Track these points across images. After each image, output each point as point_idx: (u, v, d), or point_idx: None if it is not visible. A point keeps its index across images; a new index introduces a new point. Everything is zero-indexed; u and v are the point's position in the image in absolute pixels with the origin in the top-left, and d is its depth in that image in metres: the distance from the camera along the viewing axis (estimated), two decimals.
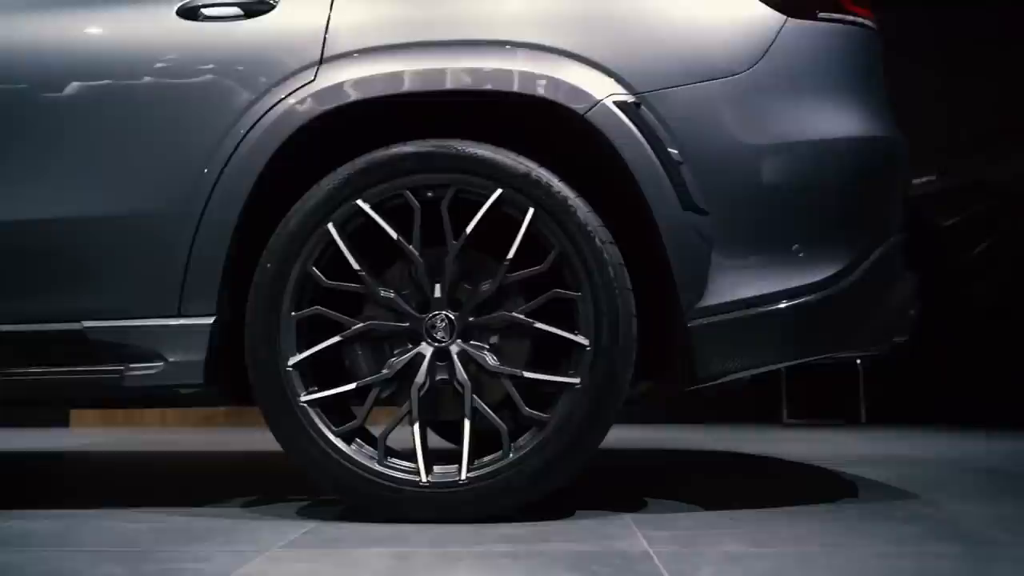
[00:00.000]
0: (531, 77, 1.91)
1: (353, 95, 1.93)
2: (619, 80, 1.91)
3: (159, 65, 2.00)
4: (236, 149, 1.94)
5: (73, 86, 2.00)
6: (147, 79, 2.00)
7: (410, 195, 1.90)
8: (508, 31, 1.96)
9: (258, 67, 1.97)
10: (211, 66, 1.99)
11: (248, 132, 1.94)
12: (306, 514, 1.94)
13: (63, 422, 6.50)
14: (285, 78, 1.96)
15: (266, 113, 1.94)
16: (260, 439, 4.73)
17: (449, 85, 1.93)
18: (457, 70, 1.94)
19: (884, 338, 2.05)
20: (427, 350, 1.90)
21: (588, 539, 1.62)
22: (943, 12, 5.22)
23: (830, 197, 1.96)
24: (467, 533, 1.69)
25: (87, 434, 5.56)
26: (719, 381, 1.92)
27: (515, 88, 1.91)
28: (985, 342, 5.06)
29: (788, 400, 5.71)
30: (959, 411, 5.21)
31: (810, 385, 5.65)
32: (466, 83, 1.93)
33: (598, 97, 1.88)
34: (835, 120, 1.97)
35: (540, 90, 1.90)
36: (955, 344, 5.13)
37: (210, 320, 1.94)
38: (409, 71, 1.94)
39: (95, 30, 2.06)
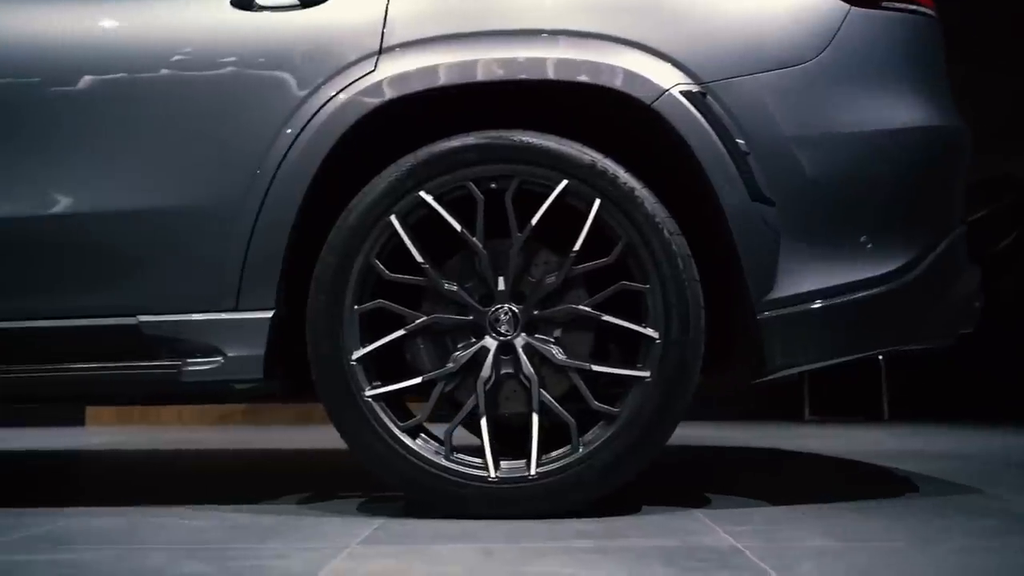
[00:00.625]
0: (596, 66, 1.88)
1: (415, 85, 1.90)
2: (684, 70, 1.88)
3: (215, 56, 1.97)
4: (295, 140, 1.91)
5: (128, 78, 1.97)
6: (203, 70, 1.96)
7: (473, 186, 1.87)
8: (570, 20, 1.93)
9: (316, 57, 1.94)
10: (268, 56, 1.95)
11: (308, 122, 1.91)
12: (367, 511, 1.92)
13: (79, 420, 6.48)
14: (344, 68, 1.93)
15: (326, 103, 1.91)
16: (282, 438, 4.72)
17: (513, 75, 1.89)
18: (521, 60, 1.90)
19: (950, 330, 2.03)
20: (491, 344, 1.87)
21: (667, 534, 1.59)
22: (968, 4, 5.19)
23: (896, 188, 1.93)
24: (539, 529, 1.66)
25: (103, 432, 5.53)
26: (787, 373, 1.90)
27: (580, 78, 1.88)
28: (1011, 337, 5.04)
29: (810, 396, 5.68)
30: (983, 406, 5.20)
31: (832, 381, 5.63)
32: (530, 73, 1.90)
33: (665, 87, 1.85)
34: (900, 110, 1.95)
35: (605, 79, 1.87)
36: (979, 339, 5.10)
37: (269, 314, 1.91)
38: (471, 61, 1.90)
39: (151, 21, 2.02)
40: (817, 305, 1.86)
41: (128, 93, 1.97)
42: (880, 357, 5.80)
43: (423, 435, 1.87)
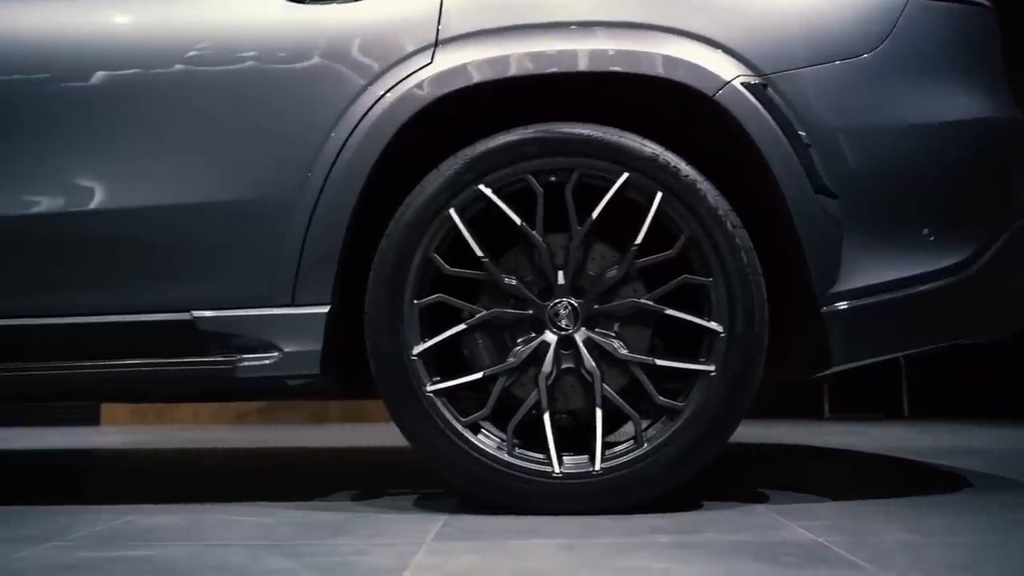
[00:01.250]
0: (657, 58, 1.86)
1: (474, 77, 1.88)
2: (744, 61, 1.86)
3: (269, 49, 1.94)
4: (352, 133, 1.89)
5: (182, 71, 1.95)
6: (257, 63, 1.94)
7: (532, 180, 1.86)
8: (629, 11, 1.91)
9: (372, 49, 1.92)
10: (323, 49, 1.93)
11: (365, 115, 1.89)
12: (426, 507, 1.90)
13: (93, 420, 6.45)
14: (400, 61, 1.91)
15: (383, 96, 1.89)
16: (302, 436, 4.70)
17: (574, 67, 1.88)
18: (582, 52, 1.88)
19: (1009, 325, 2.02)
20: (551, 338, 1.85)
21: (742, 530, 1.57)
22: None
23: (958, 180, 1.92)
24: (607, 524, 1.64)
25: (120, 431, 5.50)
26: (849, 367, 1.89)
27: (640, 70, 1.87)
28: None
29: (830, 394, 5.68)
30: (1002, 403, 5.19)
31: (852, 379, 5.62)
32: (591, 65, 1.88)
33: (726, 78, 1.84)
34: (959, 101, 1.94)
35: (667, 71, 1.85)
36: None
37: (325, 309, 1.90)
38: (531, 53, 1.88)
39: (206, 15, 2.00)
40: (880, 299, 1.84)
41: (183, 87, 1.94)
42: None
43: (484, 431, 1.85)
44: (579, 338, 1.85)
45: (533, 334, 1.87)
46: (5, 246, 1.95)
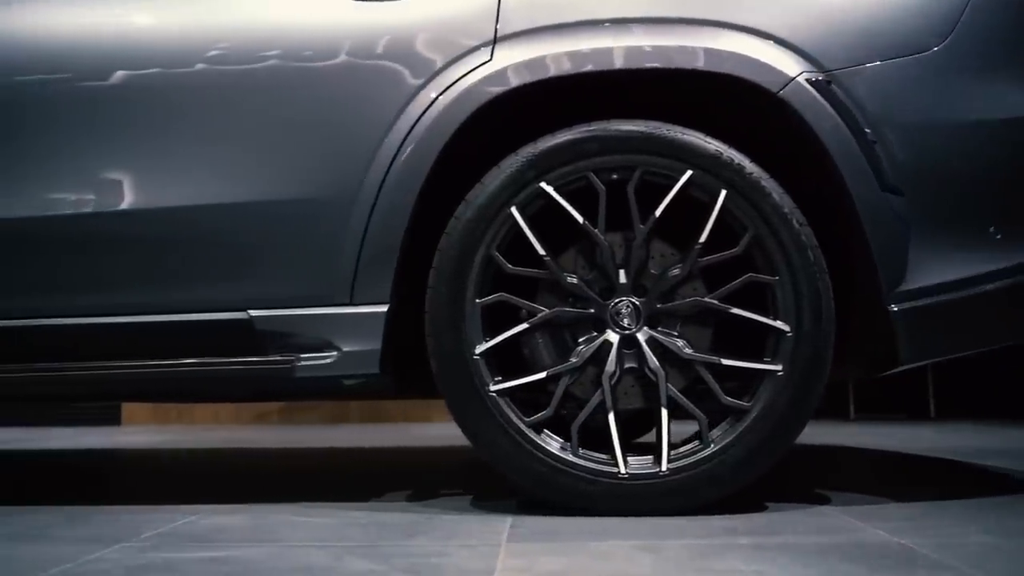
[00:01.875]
0: (719, 55, 1.84)
1: (535, 74, 1.86)
2: (808, 57, 1.84)
3: (327, 45, 1.93)
4: (411, 131, 1.87)
5: (242, 69, 1.93)
6: (315, 60, 1.93)
7: (594, 177, 1.84)
8: (687, 8, 1.89)
9: (430, 46, 1.91)
10: (381, 45, 1.92)
11: (424, 113, 1.87)
12: (486, 508, 1.88)
13: (114, 420, 6.44)
14: (459, 57, 1.89)
15: (442, 93, 1.87)
16: (327, 437, 4.68)
17: (637, 64, 1.86)
18: (641, 48, 1.87)
19: None
20: (613, 337, 1.83)
21: (822, 532, 1.55)
22: None
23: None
24: (680, 525, 1.62)
25: (142, 431, 5.49)
26: (917, 365, 1.87)
27: (702, 66, 1.85)
28: None
29: (855, 394, 5.64)
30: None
31: (878, 379, 5.58)
32: (650, 62, 1.86)
33: (791, 75, 1.82)
34: None
35: (732, 68, 1.83)
36: None
37: (384, 308, 1.88)
38: (591, 50, 1.86)
39: (266, 12, 1.99)
40: (947, 297, 1.82)
41: (242, 84, 1.93)
42: None
43: (546, 431, 1.83)
44: (641, 337, 1.83)
45: (595, 333, 1.85)
46: (61, 245, 1.94)
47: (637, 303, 1.84)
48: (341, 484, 2.45)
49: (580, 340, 1.85)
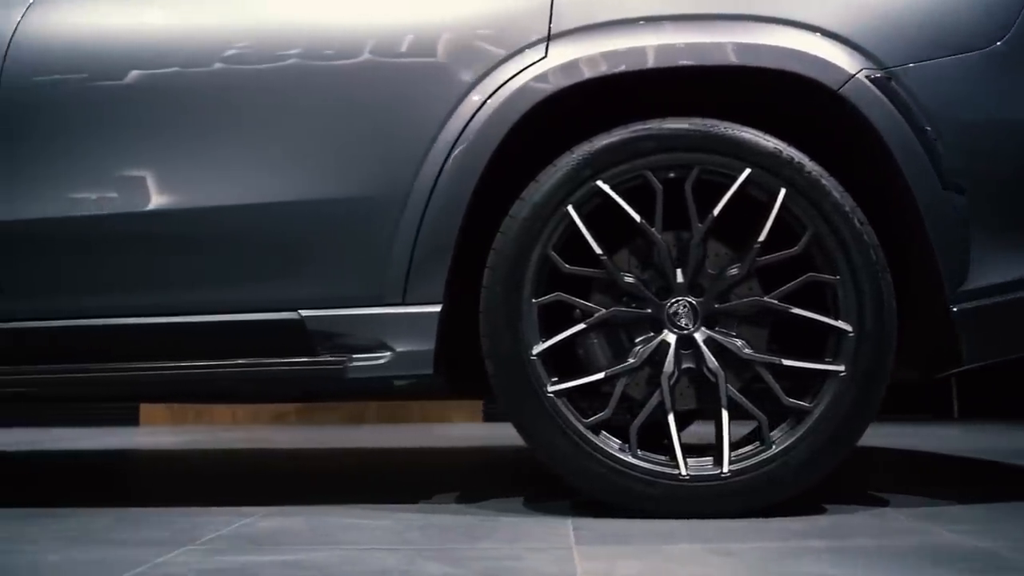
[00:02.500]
0: (777, 51, 1.82)
1: (593, 71, 1.84)
2: (866, 54, 1.82)
3: (379, 42, 1.91)
4: (465, 128, 1.85)
5: (293, 66, 1.91)
6: (367, 57, 1.91)
7: (651, 176, 1.82)
8: (743, 4, 1.87)
9: (484, 43, 1.89)
10: (434, 42, 1.90)
11: (478, 111, 1.85)
12: (540, 509, 1.86)
13: (132, 420, 6.43)
14: (513, 54, 1.87)
15: (496, 91, 1.85)
16: (349, 437, 4.66)
17: (695, 60, 1.84)
18: (697, 44, 1.85)
19: None
20: (671, 337, 1.81)
21: (896, 534, 1.53)
22: None
23: None
24: (748, 528, 1.60)
25: (160, 432, 5.48)
26: (978, 366, 1.85)
27: (761, 63, 1.82)
28: None
29: None
30: None
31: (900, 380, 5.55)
32: (707, 58, 1.84)
33: (851, 72, 1.80)
34: None
35: (789, 65, 1.81)
36: None
37: (438, 308, 1.86)
38: (647, 46, 1.84)
39: (315, 9, 1.97)
40: (1009, 297, 1.80)
41: (293, 81, 1.91)
42: None
43: (604, 432, 1.81)
44: (699, 338, 1.81)
45: (651, 334, 1.83)
46: (111, 244, 1.93)
47: (694, 303, 1.82)
48: (385, 485, 2.43)
49: (637, 340, 1.83)
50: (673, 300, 1.82)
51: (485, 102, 1.85)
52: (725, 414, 1.76)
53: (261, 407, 6.43)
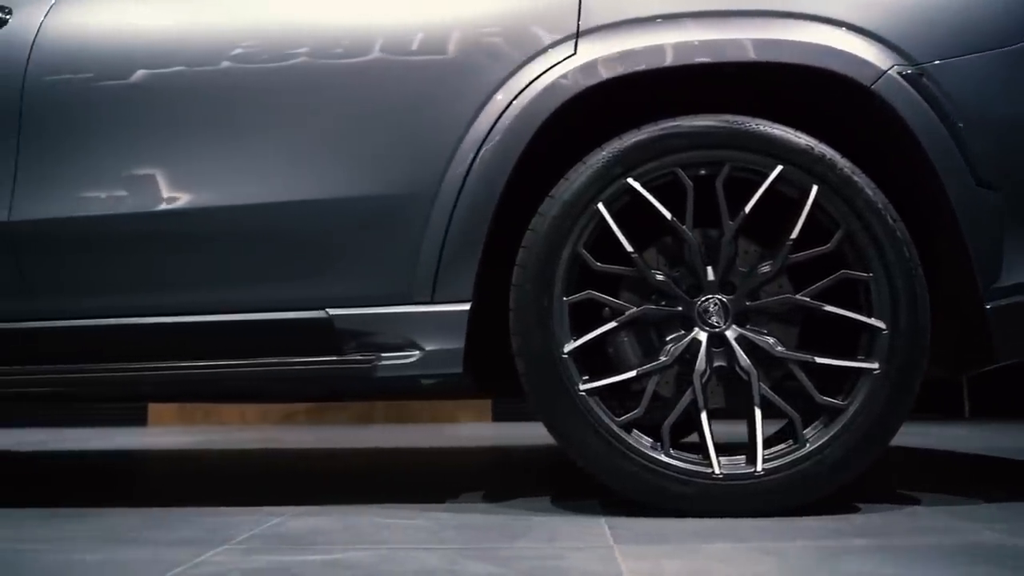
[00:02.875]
0: (808, 48, 1.81)
1: (619, 69, 1.83)
2: (897, 50, 1.81)
3: (406, 40, 1.90)
4: (494, 126, 1.84)
5: (320, 64, 1.91)
6: (394, 55, 1.90)
7: (682, 173, 1.81)
8: (772, 0, 1.86)
9: (512, 40, 1.88)
10: (463, 39, 1.89)
11: (507, 108, 1.84)
12: (570, 508, 1.85)
13: (140, 420, 6.42)
14: (541, 51, 1.86)
15: (526, 88, 1.84)
16: (363, 436, 4.65)
17: (725, 57, 1.83)
18: (730, 42, 1.83)
19: None
20: (702, 335, 1.80)
21: (933, 532, 1.52)
22: None
23: None
24: (786, 527, 1.58)
25: (169, 432, 5.47)
26: (1009, 362, 1.84)
27: (791, 60, 1.81)
28: None
29: None
30: None
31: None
32: (739, 56, 1.83)
33: (883, 68, 1.79)
34: None
35: (822, 61, 1.80)
36: None
37: (467, 306, 1.85)
38: (677, 43, 1.83)
39: (344, 6, 1.96)
40: None
41: (320, 79, 1.90)
42: None
43: (636, 431, 1.80)
44: (731, 335, 1.80)
45: (682, 331, 1.82)
46: (137, 243, 1.92)
47: (725, 300, 1.81)
48: (408, 485, 2.42)
49: (668, 339, 1.82)
50: (704, 298, 1.81)
51: (514, 99, 1.84)
52: (758, 412, 1.75)
53: (270, 407, 6.42)
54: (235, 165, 1.90)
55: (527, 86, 1.85)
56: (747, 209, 1.79)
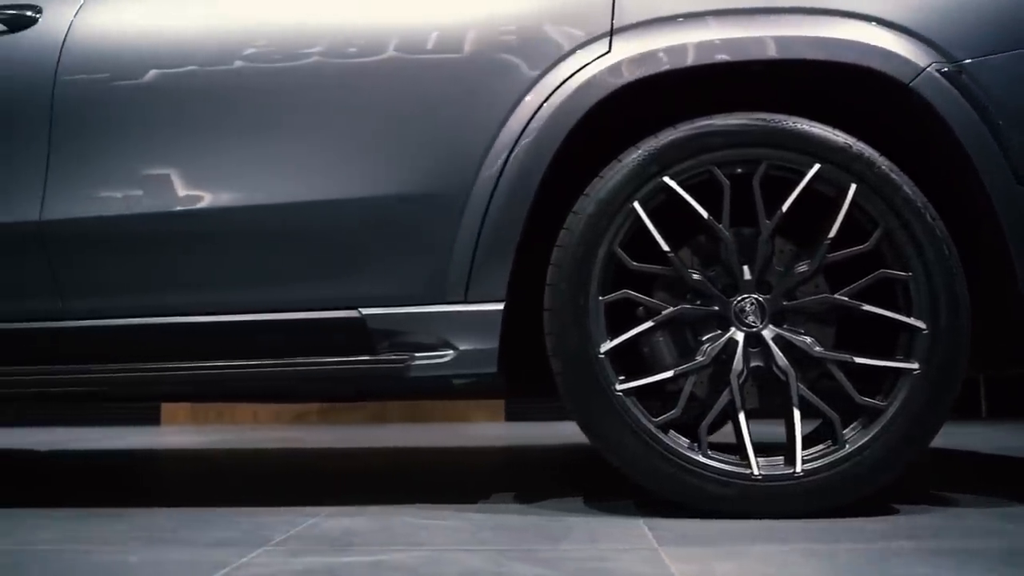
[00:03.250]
0: (847, 45, 1.79)
1: (654, 67, 1.81)
2: (935, 47, 1.79)
3: (440, 38, 1.89)
4: (528, 124, 1.83)
5: (353, 63, 1.90)
6: (427, 53, 1.89)
7: (718, 171, 1.80)
8: None
9: (546, 38, 1.87)
10: (495, 38, 1.88)
11: (541, 106, 1.83)
12: (604, 509, 1.84)
13: (154, 420, 6.42)
14: (575, 49, 1.85)
15: (560, 86, 1.83)
16: (380, 436, 4.64)
17: (762, 55, 1.81)
18: (769, 39, 1.82)
19: None
20: (738, 335, 1.79)
21: (980, 535, 1.51)
22: None
23: None
24: (829, 529, 1.57)
25: (183, 432, 5.47)
26: None
27: (833, 57, 1.80)
28: None
29: None
30: None
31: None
32: (778, 53, 1.81)
33: (922, 65, 1.77)
34: None
35: (860, 58, 1.78)
36: None
37: (501, 305, 1.84)
38: (716, 40, 1.82)
39: (377, 4, 1.95)
40: None
41: (352, 77, 1.89)
42: None
43: (672, 431, 1.79)
44: (767, 335, 1.78)
45: (718, 331, 1.81)
46: (170, 242, 1.91)
47: (761, 300, 1.80)
48: (436, 485, 2.41)
49: (704, 338, 1.81)
50: (740, 297, 1.80)
51: (548, 97, 1.83)
52: (797, 413, 1.74)
53: (283, 406, 6.41)
54: (270, 164, 1.89)
55: (561, 84, 1.83)
56: (784, 207, 1.78)
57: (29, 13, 2.04)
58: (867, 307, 1.76)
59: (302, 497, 2.09)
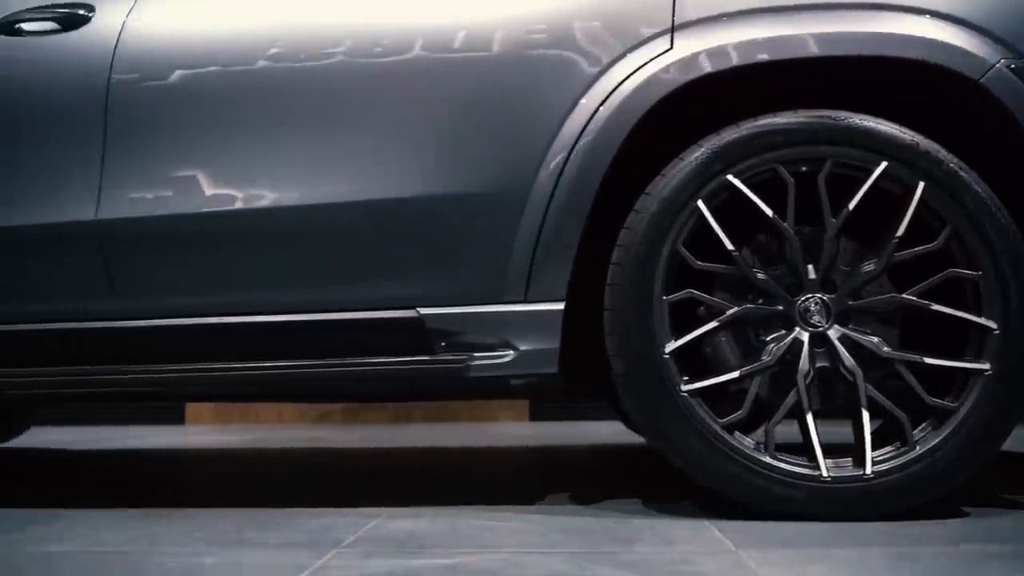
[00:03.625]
0: (918, 41, 1.77)
1: (721, 63, 1.79)
2: (1003, 43, 1.76)
3: (501, 36, 1.87)
4: (589, 122, 1.81)
5: (408, 59, 1.88)
6: (488, 51, 1.87)
7: (782, 169, 1.77)
8: None
9: (606, 35, 1.84)
10: (555, 35, 1.86)
11: (602, 104, 1.81)
12: (665, 511, 1.81)
13: (177, 419, 6.42)
14: (637, 46, 1.83)
15: (620, 84, 1.81)
16: (406, 435, 4.62)
17: (827, 51, 1.78)
18: (833, 35, 1.79)
19: None
20: (803, 335, 1.76)
21: None
22: None
23: None
24: (902, 532, 1.55)
25: (208, 431, 5.46)
26: None
27: (898, 53, 1.77)
28: None
29: None
30: None
31: None
32: (843, 49, 1.79)
33: (991, 62, 1.74)
34: None
35: (930, 55, 1.75)
36: None
37: (561, 305, 1.82)
38: (781, 37, 1.79)
39: (434, 3, 1.93)
40: None
41: (413, 77, 1.87)
42: None
43: (737, 432, 1.77)
44: (833, 335, 1.76)
45: (783, 331, 1.78)
46: (226, 242, 1.90)
47: (826, 299, 1.77)
48: (486, 486, 2.39)
49: (768, 339, 1.78)
50: (805, 297, 1.78)
51: (609, 96, 1.81)
52: (865, 414, 1.71)
53: (306, 405, 6.40)
54: (329, 163, 1.88)
55: (621, 83, 1.81)
56: (851, 206, 1.75)
57: (82, 12, 2.03)
58: (937, 307, 1.73)
59: (356, 498, 2.07)
